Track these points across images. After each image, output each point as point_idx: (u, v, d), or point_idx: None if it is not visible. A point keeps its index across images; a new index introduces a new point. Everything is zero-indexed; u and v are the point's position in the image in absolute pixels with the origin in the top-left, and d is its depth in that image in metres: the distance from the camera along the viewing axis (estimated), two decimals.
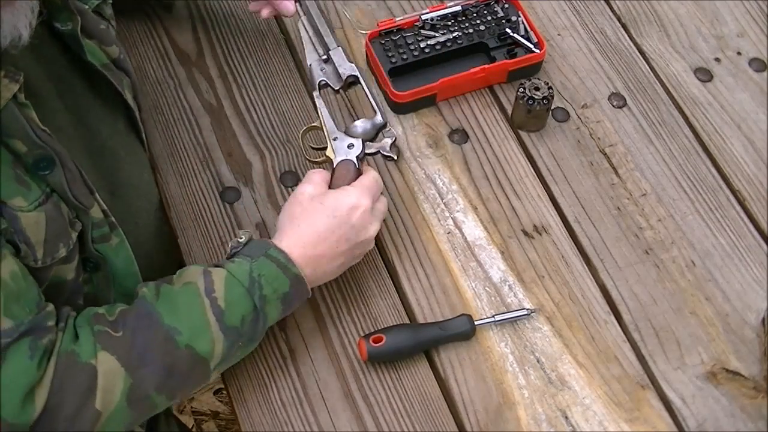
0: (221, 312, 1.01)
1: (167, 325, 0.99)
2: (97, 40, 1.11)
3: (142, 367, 0.97)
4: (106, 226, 1.04)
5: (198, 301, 1.00)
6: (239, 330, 1.02)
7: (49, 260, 0.97)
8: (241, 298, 1.02)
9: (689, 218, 1.24)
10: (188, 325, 0.99)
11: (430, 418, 1.09)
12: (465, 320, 1.12)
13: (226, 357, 1.02)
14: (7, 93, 0.91)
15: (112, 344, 0.96)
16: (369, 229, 1.10)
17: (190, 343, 0.99)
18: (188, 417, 1.96)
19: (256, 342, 1.06)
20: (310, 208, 1.09)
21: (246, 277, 1.02)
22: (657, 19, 1.43)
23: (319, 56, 1.23)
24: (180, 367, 0.99)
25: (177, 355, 0.98)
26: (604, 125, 1.32)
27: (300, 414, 1.09)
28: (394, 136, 1.21)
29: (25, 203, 0.94)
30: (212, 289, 1.01)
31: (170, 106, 1.32)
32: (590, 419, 1.09)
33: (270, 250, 1.05)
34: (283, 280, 1.04)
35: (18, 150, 0.93)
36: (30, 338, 0.92)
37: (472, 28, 1.35)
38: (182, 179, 1.26)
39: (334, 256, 1.08)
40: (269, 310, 1.04)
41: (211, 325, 1.00)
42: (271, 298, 1.03)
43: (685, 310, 1.17)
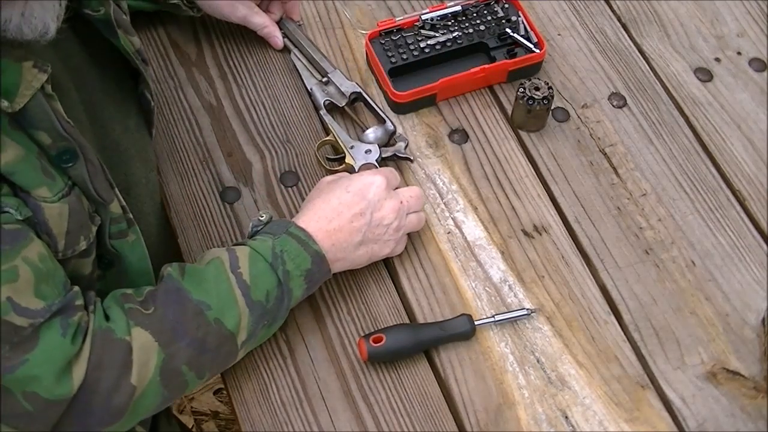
0: (247, 287, 1.02)
1: (196, 299, 1.01)
2: (123, 30, 1.11)
3: (174, 342, 0.99)
4: (124, 222, 1.05)
5: (224, 277, 1.02)
6: (264, 306, 1.04)
7: (70, 252, 0.97)
8: (265, 273, 1.04)
9: (689, 218, 1.24)
10: (216, 299, 1.01)
11: (430, 418, 1.09)
12: (465, 320, 1.13)
13: (251, 334, 1.04)
14: (36, 83, 0.91)
15: (145, 320, 0.98)
16: (384, 204, 1.11)
17: (219, 317, 1.01)
18: (188, 417, 1.97)
19: (279, 322, 1.08)
20: (326, 189, 1.13)
21: (269, 253, 1.04)
22: (657, 19, 1.43)
23: (318, 80, 1.32)
24: (210, 341, 1.01)
25: (207, 330, 1.00)
26: (604, 125, 1.32)
27: (300, 414, 1.09)
28: (406, 140, 1.27)
29: (49, 194, 0.94)
30: (237, 265, 1.03)
31: (170, 106, 1.32)
32: (590, 419, 1.09)
33: (291, 228, 1.07)
34: (304, 257, 1.06)
35: (42, 142, 0.93)
36: (60, 317, 0.93)
37: (472, 28, 1.35)
38: (182, 179, 1.26)
39: (352, 231, 1.10)
40: (293, 286, 1.05)
41: (238, 300, 1.02)
42: (294, 274, 1.05)
43: (685, 310, 1.17)
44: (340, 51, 1.37)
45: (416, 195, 1.16)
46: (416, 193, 1.16)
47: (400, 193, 1.14)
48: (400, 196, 1.14)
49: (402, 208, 1.13)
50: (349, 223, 1.10)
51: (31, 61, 0.91)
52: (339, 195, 1.11)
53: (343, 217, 1.09)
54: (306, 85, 1.32)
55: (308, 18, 1.40)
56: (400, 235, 1.15)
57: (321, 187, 1.15)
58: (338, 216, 1.09)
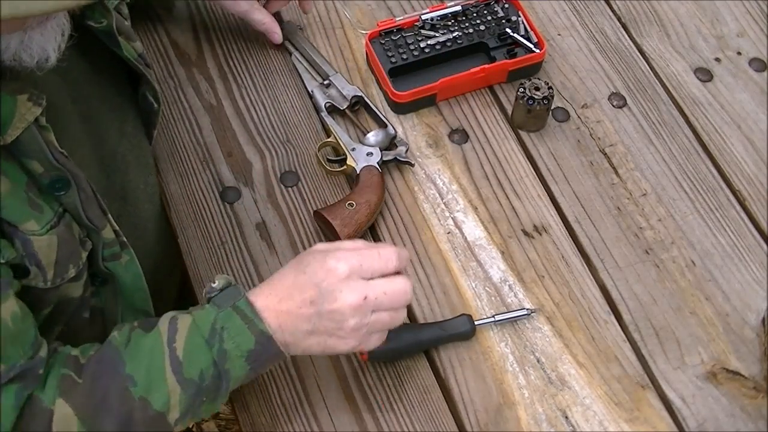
0: (180, 363, 0.95)
1: (126, 374, 0.94)
2: (124, 36, 1.11)
3: (97, 418, 0.93)
4: (117, 245, 1.04)
5: (159, 351, 0.95)
6: (199, 384, 0.95)
7: (59, 281, 0.97)
8: (200, 350, 0.95)
9: (689, 218, 1.24)
10: (145, 375, 0.94)
11: (430, 418, 1.09)
12: (465, 320, 1.12)
13: (186, 411, 0.96)
14: (30, 116, 0.90)
15: (71, 392, 0.93)
16: (338, 297, 0.95)
17: (145, 395, 0.94)
18: None
19: (224, 397, 0.98)
20: (294, 260, 1.01)
21: (208, 328, 0.95)
22: (657, 19, 1.43)
23: (319, 83, 1.32)
24: (137, 418, 0.94)
25: (132, 407, 0.93)
26: (604, 125, 1.32)
27: (300, 414, 1.09)
28: (407, 144, 1.27)
29: (37, 227, 0.93)
30: (174, 339, 0.95)
31: (170, 106, 1.32)
32: (590, 419, 1.09)
33: (239, 302, 0.96)
34: (247, 336, 0.95)
35: (34, 170, 0.93)
36: (19, 385, 0.91)
37: (472, 28, 1.35)
38: (182, 179, 1.26)
39: (300, 317, 0.96)
40: (231, 367, 0.96)
41: (167, 377, 0.94)
42: (234, 354, 0.95)
43: (685, 310, 1.17)
44: (340, 51, 1.37)
45: (393, 291, 0.97)
46: (394, 288, 0.97)
47: (371, 285, 0.96)
48: (366, 291, 0.96)
49: (365, 305, 0.96)
50: (298, 309, 0.96)
51: (26, 94, 0.90)
52: (296, 274, 0.98)
53: (294, 300, 0.96)
54: (307, 87, 1.32)
55: (308, 18, 1.40)
56: (362, 334, 0.98)
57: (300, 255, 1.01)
58: (289, 297, 0.97)
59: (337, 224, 1.17)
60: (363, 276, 0.97)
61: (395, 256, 0.98)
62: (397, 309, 0.99)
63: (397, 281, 0.98)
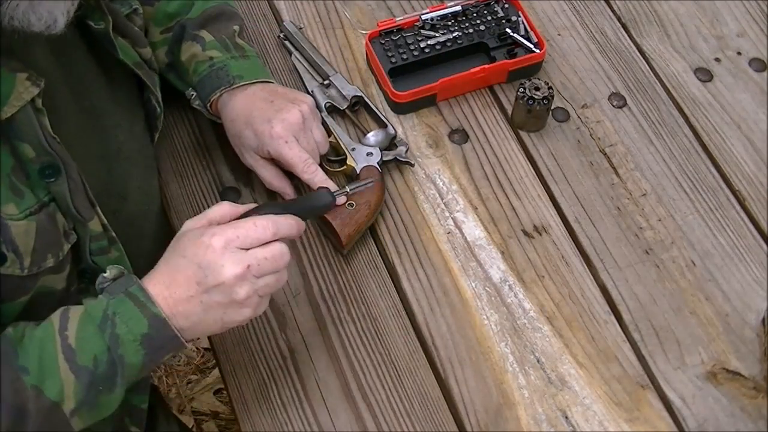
0: (72, 351, 0.93)
1: (19, 365, 0.92)
2: (130, 40, 1.11)
3: None
4: (105, 240, 1.04)
5: (50, 341, 0.94)
6: (93, 372, 0.93)
7: (36, 269, 0.96)
8: (92, 336, 0.94)
9: (689, 218, 1.24)
10: (37, 365, 0.93)
11: (430, 418, 1.09)
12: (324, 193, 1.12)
13: (83, 402, 0.94)
14: (27, 96, 0.91)
15: None
16: (221, 271, 0.96)
17: (38, 384, 0.92)
18: (188, 417, 1.97)
19: (121, 387, 0.96)
20: (172, 246, 1.01)
21: (100, 315, 0.95)
22: (657, 19, 1.43)
23: (319, 83, 1.32)
24: (30, 409, 0.92)
25: (25, 397, 0.91)
26: (604, 125, 1.32)
27: (300, 414, 1.09)
28: (407, 144, 1.27)
29: (15, 211, 0.93)
30: (66, 327, 0.94)
31: (170, 106, 1.32)
32: (590, 419, 1.09)
33: (131, 287, 0.96)
34: (139, 320, 0.94)
35: (26, 155, 0.93)
36: None
37: (472, 28, 1.35)
38: (182, 179, 1.26)
39: (189, 300, 0.96)
40: (125, 353, 0.94)
41: (60, 366, 0.93)
42: (126, 338, 0.94)
43: (685, 310, 1.17)
44: (340, 51, 1.37)
45: (272, 255, 0.99)
46: (272, 253, 0.99)
47: (250, 254, 0.97)
48: (248, 260, 0.97)
49: (248, 273, 0.97)
50: (186, 292, 0.96)
51: (25, 73, 0.91)
52: (176, 258, 0.98)
53: (180, 285, 0.96)
54: (307, 87, 1.32)
55: (308, 18, 1.40)
56: (255, 301, 0.99)
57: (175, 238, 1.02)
58: (173, 282, 0.97)
59: (337, 224, 1.17)
60: (241, 246, 0.98)
61: (271, 224, 0.99)
62: (280, 271, 1.00)
63: (274, 246, 0.99)
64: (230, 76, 1.19)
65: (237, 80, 1.19)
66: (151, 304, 0.95)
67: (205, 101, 1.20)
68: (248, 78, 1.20)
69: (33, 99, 0.92)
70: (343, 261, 1.20)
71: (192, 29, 1.22)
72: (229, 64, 1.20)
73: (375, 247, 1.21)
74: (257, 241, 0.98)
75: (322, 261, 1.20)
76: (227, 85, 1.19)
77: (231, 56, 1.21)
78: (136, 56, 1.12)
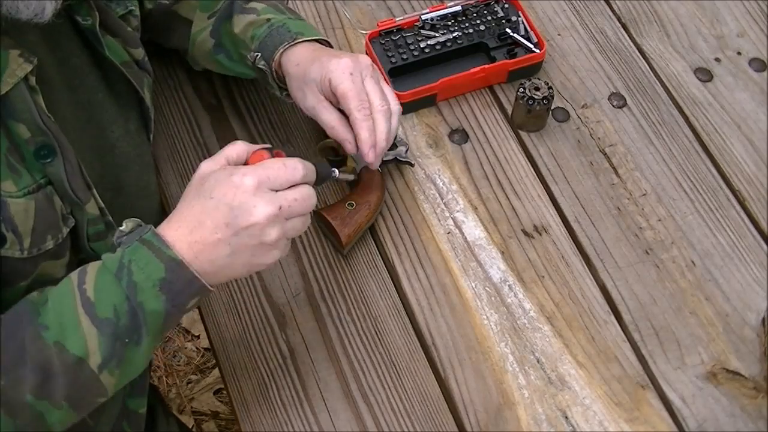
0: (91, 304, 0.92)
1: (39, 323, 0.92)
2: (121, 39, 1.11)
3: (15, 369, 0.90)
4: (102, 224, 1.04)
5: (69, 296, 0.93)
6: (115, 323, 0.92)
7: (36, 251, 0.96)
8: (109, 286, 0.92)
9: (689, 218, 1.24)
10: (57, 320, 0.92)
11: (430, 418, 1.09)
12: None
13: (110, 356, 0.92)
14: (20, 72, 0.91)
15: None
16: (253, 212, 0.94)
17: (59, 340, 0.91)
18: (188, 417, 1.97)
19: (148, 339, 0.94)
20: (193, 188, 0.98)
21: (116, 264, 0.93)
22: (657, 19, 1.43)
23: None
24: (55, 367, 0.91)
25: (48, 354, 0.91)
26: (604, 125, 1.32)
27: (300, 414, 1.09)
28: (407, 144, 1.26)
29: (14, 188, 0.93)
30: (83, 281, 0.93)
31: (170, 106, 1.32)
32: (590, 419, 1.09)
33: (146, 234, 0.94)
34: (156, 265, 0.92)
35: (20, 135, 0.93)
36: None
37: (472, 28, 1.35)
38: (182, 179, 1.26)
39: (216, 243, 0.94)
40: (144, 299, 0.92)
41: (81, 319, 0.92)
42: (144, 285, 0.92)
43: (685, 310, 1.17)
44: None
45: (302, 197, 0.97)
46: (302, 194, 0.97)
47: (281, 196, 0.96)
48: (279, 201, 0.95)
49: (280, 215, 0.95)
50: (212, 235, 0.94)
51: (18, 50, 0.91)
52: (203, 201, 0.95)
53: (205, 228, 0.94)
54: None
55: (308, 18, 1.40)
56: (283, 243, 0.98)
57: (194, 179, 0.99)
58: (200, 226, 0.94)
59: (337, 224, 1.17)
60: (272, 188, 0.96)
61: (300, 165, 0.98)
62: (305, 215, 0.99)
63: (302, 188, 0.98)
64: (291, 32, 1.17)
65: (299, 36, 1.17)
66: (167, 248, 0.93)
67: (269, 60, 1.17)
68: (309, 35, 1.18)
69: (26, 77, 0.92)
70: (343, 261, 1.20)
71: (242, 2, 1.21)
72: (287, 23, 1.18)
73: (375, 247, 1.21)
74: (287, 183, 0.97)
75: (322, 261, 1.20)
76: (290, 40, 1.16)
77: (287, 17, 1.20)
78: (125, 55, 1.12)
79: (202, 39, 1.24)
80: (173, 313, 0.95)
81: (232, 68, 1.25)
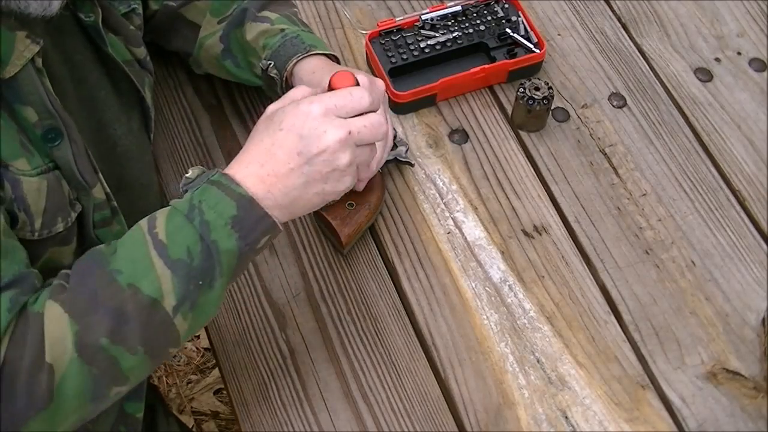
0: (164, 246, 0.92)
1: (111, 268, 0.92)
2: (123, 38, 1.11)
3: (88, 313, 0.90)
4: (108, 209, 1.04)
5: (141, 241, 0.93)
6: (189, 263, 0.92)
7: (46, 233, 0.96)
8: (181, 227, 0.93)
9: (689, 218, 1.24)
10: (130, 265, 0.92)
11: (430, 418, 1.09)
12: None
13: (183, 297, 0.92)
14: (28, 54, 0.91)
15: (59, 294, 0.91)
16: (323, 137, 0.95)
17: (133, 282, 0.91)
18: (188, 417, 1.97)
19: (221, 281, 0.94)
20: (261, 126, 1.00)
21: (186, 206, 0.94)
22: (657, 19, 1.43)
23: None
24: (130, 309, 0.90)
25: (122, 297, 0.90)
26: (604, 125, 1.32)
27: (300, 414, 1.09)
28: (407, 144, 1.26)
29: (28, 166, 0.93)
30: (154, 226, 0.94)
31: (170, 106, 1.32)
32: (590, 419, 1.09)
33: (214, 176, 0.95)
34: (227, 203, 0.93)
35: (28, 119, 0.93)
36: (13, 291, 0.89)
37: (472, 28, 1.35)
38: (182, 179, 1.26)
39: (290, 174, 0.96)
40: (218, 237, 0.93)
41: (154, 261, 0.92)
42: (217, 223, 0.93)
43: (685, 310, 1.17)
44: (340, 51, 1.37)
45: (371, 123, 0.98)
46: (371, 121, 0.99)
47: (350, 122, 0.97)
48: (349, 126, 0.97)
49: (350, 139, 0.97)
50: (285, 165, 0.95)
51: (24, 31, 0.91)
52: (271, 133, 0.97)
53: (277, 160, 0.96)
54: None
55: (308, 18, 1.40)
56: (354, 169, 0.99)
57: (259, 122, 1.01)
58: (271, 158, 0.96)
59: (337, 224, 1.17)
60: (339, 115, 0.97)
61: (366, 94, 0.99)
62: (373, 145, 1.01)
63: (372, 115, 0.99)
64: (305, 44, 1.18)
65: (312, 48, 1.17)
66: (236, 185, 0.94)
67: (282, 70, 1.17)
68: (321, 49, 1.18)
69: (33, 59, 0.92)
70: (343, 261, 1.20)
71: (255, 10, 1.21)
72: (301, 34, 1.19)
73: (375, 247, 1.21)
74: (353, 111, 0.98)
75: (322, 261, 1.20)
76: (304, 51, 1.17)
77: (300, 29, 1.20)
78: (127, 54, 1.12)
79: (211, 43, 1.24)
80: (246, 252, 0.95)
81: (237, 75, 1.25)
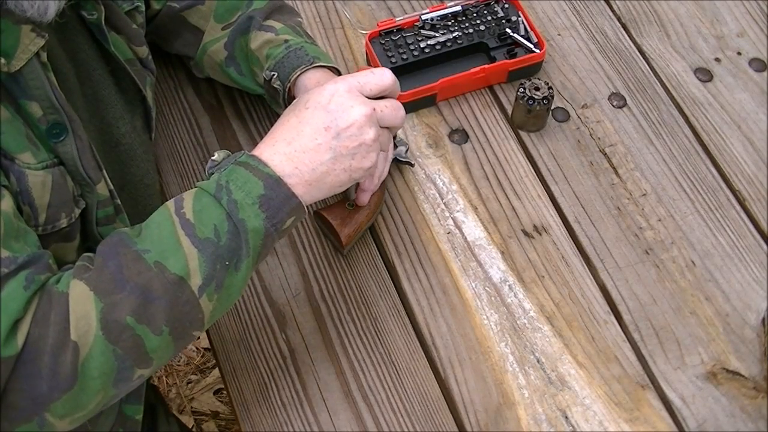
0: (191, 225, 0.93)
1: (138, 248, 0.92)
2: (125, 36, 1.11)
3: (113, 291, 0.90)
4: (112, 207, 1.04)
5: (168, 221, 0.94)
6: (216, 243, 0.93)
7: (50, 228, 0.96)
8: (209, 207, 0.94)
9: (689, 218, 1.24)
10: (158, 243, 0.92)
11: (430, 418, 1.09)
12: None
13: (209, 277, 0.93)
14: (33, 47, 0.91)
15: (84, 273, 0.91)
16: (351, 112, 0.99)
17: (160, 260, 0.91)
18: (188, 417, 1.97)
19: (247, 262, 0.95)
20: (287, 111, 1.03)
21: (213, 186, 0.95)
22: (657, 19, 1.43)
23: None
24: (156, 288, 0.90)
25: (149, 275, 0.90)
26: (604, 125, 1.32)
27: (300, 414, 1.09)
28: (407, 144, 1.26)
29: (34, 160, 0.93)
30: (181, 206, 0.95)
31: (170, 106, 1.32)
32: (590, 419, 1.09)
33: (240, 157, 0.98)
34: (254, 182, 0.95)
35: (32, 114, 0.93)
36: (28, 271, 0.88)
37: (472, 28, 1.35)
38: (182, 179, 1.26)
39: (318, 149, 0.98)
40: (246, 217, 0.94)
41: (181, 240, 0.92)
42: (244, 203, 0.94)
43: (685, 310, 1.17)
44: (340, 51, 1.37)
45: (392, 105, 1.04)
46: (392, 103, 1.04)
47: (374, 101, 1.03)
48: (372, 103, 1.02)
49: (374, 116, 1.01)
50: (313, 141, 0.98)
51: (30, 25, 0.91)
52: (298, 113, 1.00)
53: (304, 136, 0.98)
54: None
55: (308, 18, 1.40)
56: (378, 146, 1.03)
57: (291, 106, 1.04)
58: (298, 135, 0.98)
59: (337, 224, 1.17)
60: (363, 92, 1.02)
61: (387, 72, 1.04)
62: (391, 128, 1.05)
63: (392, 100, 1.05)
64: (309, 56, 1.18)
65: (316, 60, 1.18)
66: (264, 165, 0.96)
67: (285, 81, 1.17)
68: (325, 61, 1.19)
69: (38, 53, 0.92)
70: (343, 261, 1.20)
71: (260, 19, 1.21)
72: (305, 46, 1.19)
73: (375, 247, 1.21)
74: (377, 87, 1.03)
75: (322, 261, 1.20)
76: (308, 64, 1.17)
77: (304, 41, 1.21)
78: (129, 52, 1.12)
79: (215, 49, 1.24)
80: (271, 233, 0.96)
81: (240, 82, 1.25)
